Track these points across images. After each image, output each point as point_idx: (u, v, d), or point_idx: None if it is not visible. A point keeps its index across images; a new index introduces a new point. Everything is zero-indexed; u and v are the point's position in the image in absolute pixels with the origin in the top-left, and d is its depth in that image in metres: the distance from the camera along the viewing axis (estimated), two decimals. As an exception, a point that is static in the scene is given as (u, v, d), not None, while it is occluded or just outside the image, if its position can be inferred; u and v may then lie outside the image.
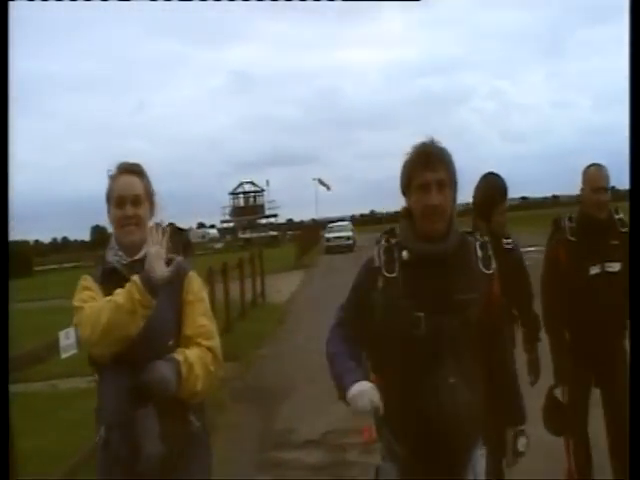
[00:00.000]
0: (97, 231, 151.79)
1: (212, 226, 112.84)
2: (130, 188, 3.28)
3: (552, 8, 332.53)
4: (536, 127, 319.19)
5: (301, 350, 13.30)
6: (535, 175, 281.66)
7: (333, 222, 63.12)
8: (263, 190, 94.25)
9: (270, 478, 6.99)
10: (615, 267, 5.10)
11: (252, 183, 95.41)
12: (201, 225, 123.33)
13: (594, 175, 5.18)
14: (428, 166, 3.02)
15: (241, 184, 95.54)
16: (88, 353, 3.25)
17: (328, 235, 54.71)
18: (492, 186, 5.14)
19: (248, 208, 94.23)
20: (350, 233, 53.96)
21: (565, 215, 5.42)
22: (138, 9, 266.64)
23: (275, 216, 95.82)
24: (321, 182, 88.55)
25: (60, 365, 8.19)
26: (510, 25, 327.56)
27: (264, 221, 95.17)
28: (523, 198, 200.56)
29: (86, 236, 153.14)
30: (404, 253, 3.08)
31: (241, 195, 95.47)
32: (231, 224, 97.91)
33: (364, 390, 2.96)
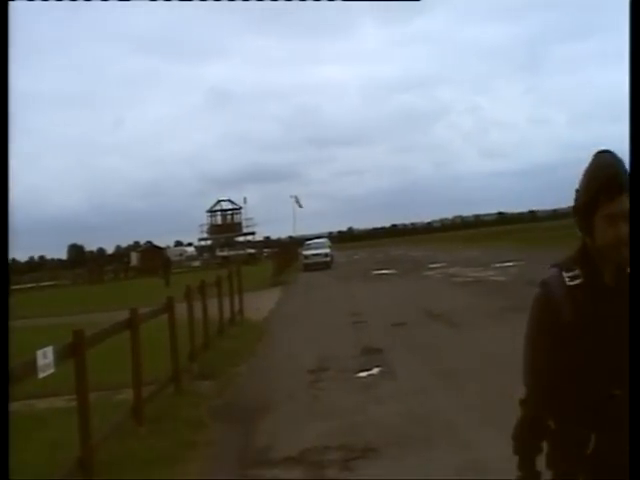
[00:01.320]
0: (74, 249, 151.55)
1: (189, 244, 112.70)
2: None
3: (529, 24, 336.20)
4: (513, 143, 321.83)
5: (279, 367, 13.32)
6: (512, 190, 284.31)
7: (310, 239, 63.26)
8: (240, 208, 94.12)
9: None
10: None
11: (230, 201, 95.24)
12: (178, 243, 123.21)
13: None
14: None
15: (218, 202, 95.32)
16: None
17: (306, 252, 54.85)
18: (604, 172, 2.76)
19: (225, 226, 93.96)
20: (328, 250, 54.15)
21: None
22: (116, 26, 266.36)
23: (252, 234, 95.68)
24: (296, 200, 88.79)
25: (37, 384, 8.13)
26: (487, 41, 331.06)
27: (241, 239, 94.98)
28: (500, 213, 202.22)
29: (63, 254, 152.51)
30: None
31: (219, 213, 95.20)
32: (208, 242, 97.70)
33: None
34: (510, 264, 33.92)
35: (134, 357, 9.44)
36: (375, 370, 11.98)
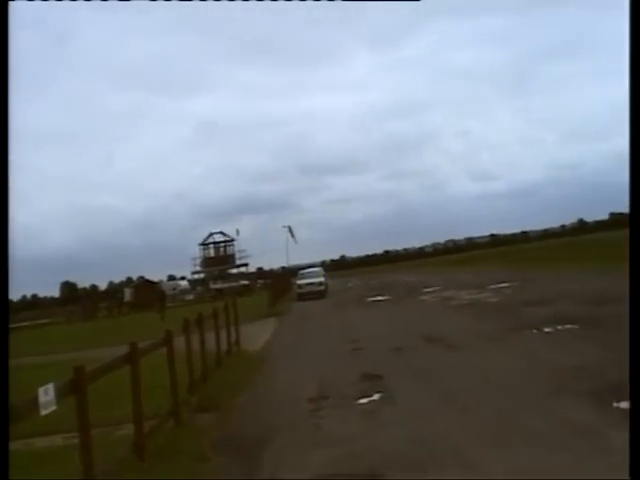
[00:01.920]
0: (67, 287, 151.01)
1: (183, 278, 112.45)
2: None
3: (515, 46, 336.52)
4: (503, 164, 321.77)
5: (279, 397, 13.28)
6: (503, 212, 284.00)
7: (304, 268, 63.21)
8: (233, 240, 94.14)
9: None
10: None
11: (222, 233, 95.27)
12: (171, 277, 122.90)
13: None
14: None
15: (211, 234, 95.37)
16: None
17: (300, 282, 54.76)
18: None
19: (218, 258, 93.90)
20: (322, 279, 54.06)
21: None
22: (102, 60, 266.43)
23: (246, 265, 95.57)
24: (290, 231, 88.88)
25: (37, 422, 8.08)
26: (475, 64, 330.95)
27: (235, 271, 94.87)
28: (492, 235, 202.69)
29: (56, 292, 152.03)
30: None
31: (211, 245, 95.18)
32: (202, 275, 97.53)
33: None
34: (504, 285, 34.02)
35: (134, 392, 9.41)
36: (376, 396, 11.94)
